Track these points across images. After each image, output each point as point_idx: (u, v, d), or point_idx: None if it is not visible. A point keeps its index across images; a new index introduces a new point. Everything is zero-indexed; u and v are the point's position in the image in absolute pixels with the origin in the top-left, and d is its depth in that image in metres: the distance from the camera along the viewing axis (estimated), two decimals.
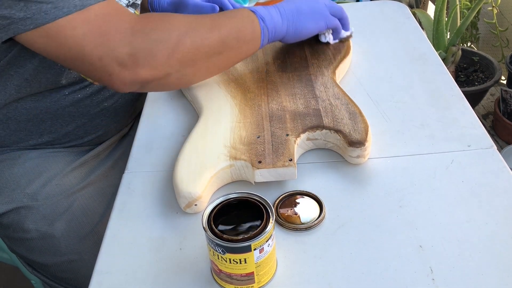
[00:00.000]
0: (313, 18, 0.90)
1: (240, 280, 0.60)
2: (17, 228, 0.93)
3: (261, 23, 0.83)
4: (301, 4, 0.89)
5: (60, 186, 0.93)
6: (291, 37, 0.89)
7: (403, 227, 0.67)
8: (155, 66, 0.74)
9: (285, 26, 0.87)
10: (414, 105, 0.88)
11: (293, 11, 0.88)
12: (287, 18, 0.87)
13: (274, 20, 0.85)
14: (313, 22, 0.90)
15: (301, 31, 0.90)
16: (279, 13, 0.86)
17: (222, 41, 0.79)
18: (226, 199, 0.61)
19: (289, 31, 0.88)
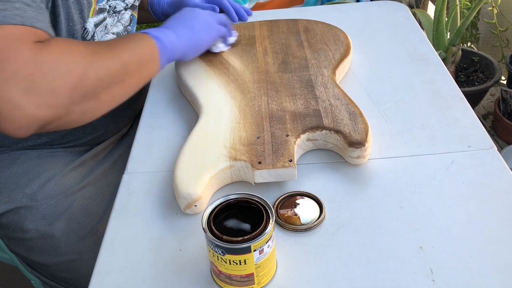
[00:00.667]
0: (206, 30, 0.92)
1: (240, 281, 0.60)
2: (17, 228, 0.93)
3: (158, 43, 0.82)
4: (190, 20, 0.90)
5: (59, 186, 0.93)
6: (190, 52, 0.91)
7: (403, 228, 0.67)
8: (56, 105, 0.65)
9: (182, 42, 0.87)
10: (414, 105, 0.87)
11: (186, 28, 0.88)
12: (182, 35, 0.87)
13: (169, 38, 0.84)
14: (206, 34, 0.93)
15: (199, 45, 0.92)
16: (172, 31, 0.86)
17: (124, 68, 0.75)
18: (226, 200, 0.61)
19: (188, 47, 0.89)
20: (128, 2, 1.00)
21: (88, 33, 0.88)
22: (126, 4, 0.99)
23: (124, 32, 1.00)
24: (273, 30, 1.07)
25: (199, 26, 0.91)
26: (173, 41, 0.85)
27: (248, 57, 0.98)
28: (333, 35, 1.02)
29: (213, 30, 0.94)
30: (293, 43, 1.01)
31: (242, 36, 1.06)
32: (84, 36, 0.87)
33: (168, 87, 1.00)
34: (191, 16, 0.91)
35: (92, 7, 0.88)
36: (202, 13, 0.93)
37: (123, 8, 0.98)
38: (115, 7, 0.96)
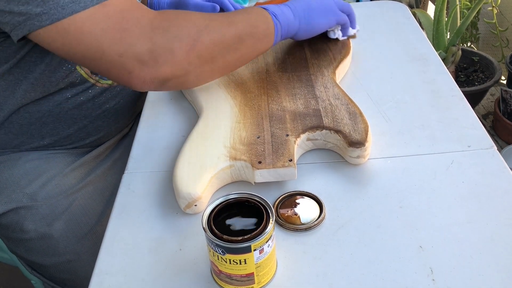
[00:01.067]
0: (324, 14, 0.91)
1: (240, 280, 0.60)
2: (16, 229, 0.93)
3: (274, 19, 0.83)
4: (311, 1, 0.90)
5: (59, 187, 0.93)
6: (303, 32, 0.90)
7: (403, 228, 0.67)
8: (175, 63, 0.73)
9: (297, 22, 0.87)
10: (414, 105, 0.87)
11: (304, 8, 0.88)
12: (298, 15, 0.88)
13: (286, 16, 0.86)
14: (324, 17, 0.92)
15: (313, 26, 0.91)
16: (290, 10, 0.87)
17: (239, 37, 0.79)
18: (226, 199, 0.61)
19: (302, 27, 0.89)
20: None
21: None
22: None
23: None
24: None
25: (318, 8, 0.91)
26: (289, 19, 0.86)
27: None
28: None
29: (332, 15, 0.93)
30: (293, 43, 1.01)
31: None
32: None
33: None
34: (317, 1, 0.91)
35: None
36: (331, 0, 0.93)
37: None
38: None
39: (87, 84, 0.92)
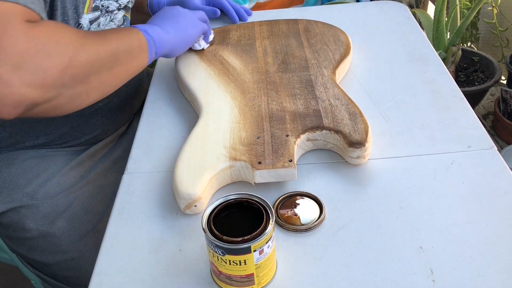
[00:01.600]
0: (191, 25, 0.94)
1: (240, 281, 0.60)
2: (18, 228, 0.93)
3: (146, 35, 0.83)
4: (175, 17, 0.92)
5: (59, 185, 0.93)
6: (178, 47, 0.91)
7: (404, 228, 0.67)
8: (46, 85, 0.64)
9: (169, 37, 0.88)
10: (414, 105, 0.87)
11: (171, 23, 0.90)
12: (168, 30, 0.88)
13: (157, 32, 0.85)
14: (192, 28, 0.94)
15: (186, 38, 0.93)
16: (159, 26, 0.87)
17: (114, 55, 0.75)
18: (225, 200, 0.61)
19: (176, 41, 0.90)
20: (122, 3, 1.00)
21: (82, 28, 0.87)
22: (119, 4, 0.99)
23: None
24: (273, 30, 1.07)
25: (184, 21, 0.92)
26: (160, 35, 0.86)
27: (248, 57, 0.98)
28: (333, 35, 1.02)
29: (198, 26, 0.95)
30: (293, 43, 1.01)
31: (242, 36, 1.06)
32: None
33: (168, 87, 1.00)
34: (174, 13, 0.92)
35: (87, 3, 0.87)
36: (183, 10, 0.95)
37: (116, 8, 0.98)
38: (108, 6, 0.95)
39: None
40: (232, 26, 1.11)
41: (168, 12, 0.93)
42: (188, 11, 0.95)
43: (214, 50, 1.01)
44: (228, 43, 1.04)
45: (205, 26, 0.98)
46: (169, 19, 0.91)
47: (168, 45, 0.88)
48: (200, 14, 0.98)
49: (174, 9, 0.94)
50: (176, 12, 0.93)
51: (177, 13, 0.93)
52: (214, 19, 1.19)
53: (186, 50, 0.96)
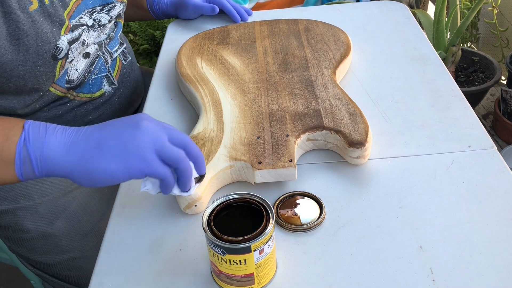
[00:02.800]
0: (119, 157, 0.60)
1: (240, 281, 0.60)
2: (17, 229, 0.93)
3: (20, 146, 0.60)
4: (110, 133, 0.61)
5: (55, 184, 0.93)
6: (80, 178, 0.62)
7: (404, 228, 0.67)
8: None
9: (69, 162, 0.60)
10: (414, 105, 0.87)
11: (90, 142, 0.61)
12: (76, 150, 0.61)
13: (49, 146, 0.60)
14: (119, 163, 0.60)
15: (96, 174, 0.61)
16: (65, 139, 0.61)
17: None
18: (226, 200, 0.61)
19: (77, 170, 0.61)
20: (113, 14, 0.99)
21: (61, 51, 0.86)
22: (111, 17, 0.98)
23: (106, 40, 0.99)
24: (273, 30, 1.07)
25: (113, 148, 0.60)
26: (54, 156, 0.61)
27: (248, 57, 0.98)
28: (333, 35, 1.03)
29: (137, 163, 0.60)
30: (293, 43, 1.01)
31: (242, 36, 1.06)
32: (56, 54, 0.85)
33: (168, 87, 1.00)
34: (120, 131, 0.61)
35: (65, 24, 0.86)
36: (144, 135, 0.61)
37: (107, 21, 0.97)
38: (99, 20, 0.95)
39: (65, 99, 0.93)
40: (232, 26, 1.12)
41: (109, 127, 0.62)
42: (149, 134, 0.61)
43: (214, 50, 1.01)
44: (228, 43, 1.04)
45: (160, 172, 0.61)
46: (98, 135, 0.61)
47: (64, 172, 0.62)
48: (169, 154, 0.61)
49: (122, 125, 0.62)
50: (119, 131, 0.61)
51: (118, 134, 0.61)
52: (215, 19, 1.20)
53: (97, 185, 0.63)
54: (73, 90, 0.93)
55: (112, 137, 0.61)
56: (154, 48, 2.26)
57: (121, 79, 1.04)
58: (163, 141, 0.61)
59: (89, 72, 0.96)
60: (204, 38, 1.07)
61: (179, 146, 0.63)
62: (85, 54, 0.93)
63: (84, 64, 0.94)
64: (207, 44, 1.04)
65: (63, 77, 0.90)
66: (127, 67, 1.06)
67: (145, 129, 0.61)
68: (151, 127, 0.61)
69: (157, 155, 0.61)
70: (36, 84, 0.85)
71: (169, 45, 1.13)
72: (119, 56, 1.03)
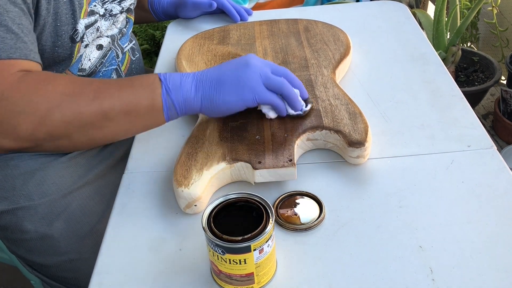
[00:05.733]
0: (235, 90, 0.74)
1: (240, 280, 0.60)
2: (16, 229, 0.92)
3: (164, 96, 0.73)
4: (226, 72, 0.75)
5: (55, 185, 0.93)
6: (207, 110, 0.76)
7: (403, 228, 0.67)
8: (18, 138, 0.71)
9: (198, 98, 0.74)
10: (414, 105, 0.87)
11: (212, 81, 0.74)
12: (202, 89, 0.74)
13: (184, 91, 0.73)
14: (235, 95, 0.74)
15: (218, 105, 0.74)
16: (194, 83, 0.74)
17: (103, 114, 0.72)
18: (225, 199, 0.61)
19: (204, 104, 0.74)
20: (124, 6, 1.00)
21: (78, 34, 0.87)
22: (122, 8, 0.99)
23: (119, 35, 1.00)
24: (273, 30, 1.07)
25: (230, 82, 0.74)
26: (187, 96, 0.74)
27: None
28: (333, 35, 1.03)
29: (249, 93, 0.74)
30: (293, 43, 1.01)
31: (242, 36, 1.06)
32: (74, 37, 0.87)
33: None
34: (231, 69, 0.75)
35: (83, 8, 0.87)
36: (249, 69, 0.75)
37: (119, 12, 0.98)
38: (111, 10, 0.96)
39: None
40: (232, 26, 1.12)
41: (223, 68, 0.76)
42: (259, 75, 0.75)
43: (214, 50, 1.01)
44: (228, 43, 1.04)
45: (268, 97, 0.75)
46: (217, 73, 0.75)
47: (196, 108, 0.75)
48: (272, 81, 0.75)
49: (234, 65, 0.76)
50: (232, 68, 0.75)
51: (235, 71, 0.75)
52: (215, 19, 1.20)
53: (223, 115, 0.79)
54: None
55: (228, 75, 0.74)
56: (154, 48, 2.26)
57: (129, 73, 1.06)
58: (267, 73, 0.75)
59: (101, 64, 0.98)
60: (204, 38, 1.07)
61: (281, 76, 0.77)
62: (99, 45, 0.95)
63: (97, 55, 0.96)
64: (207, 44, 1.04)
65: (77, 63, 0.92)
66: (135, 62, 1.08)
67: (252, 66, 0.75)
68: (257, 64, 0.75)
69: (264, 85, 0.75)
70: (53, 65, 0.87)
71: (169, 45, 1.13)
72: (128, 52, 1.06)
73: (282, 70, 0.78)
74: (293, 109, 0.78)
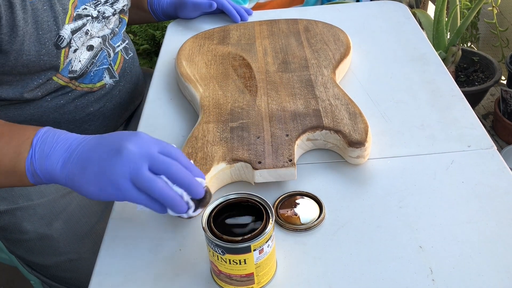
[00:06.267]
0: (98, 181, 0.61)
1: (240, 280, 0.60)
2: (15, 230, 0.93)
3: (28, 164, 0.65)
4: (92, 157, 0.62)
5: (55, 186, 0.93)
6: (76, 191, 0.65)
7: (403, 228, 0.67)
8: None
9: (64, 176, 0.64)
10: (414, 105, 0.87)
11: (78, 163, 0.63)
12: (68, 168, 0.63)
13: (50, 164, 0.64)
14: (96, 187, 0.62)
15: (82, 192, 0.64)
16: (63, 157, 0.64)
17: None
18: (225, 199, 0.61)
19: (69, 185, 0.65)
20: (117, 8, 1.00)
21: (63, 40, 0.87)
22: (115, 10, 0.99)
23: (110, 35, 1.00)
24: (273, 30, 1.07)
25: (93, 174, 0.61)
26: (50, 170, 0.65)
27: (248, 56, 0.98)
28: (333, 35, 1.03)
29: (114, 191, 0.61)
30: (293, 43, 1.01)
31: (242, 35, 1.06)
32: (58, 43, 0.87)
33: (168, 87, 1.00)
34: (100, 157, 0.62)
35: (68, 13, 0.87)
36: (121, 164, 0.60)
37: (111, 14, 0.98)
38: (104, 12, 0.95)
39: (67, 89, 0.94)
40: (232, 26, 1.12)
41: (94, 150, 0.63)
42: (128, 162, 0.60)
43: (214, 50, 1.01)
44: (228, 43, 1.04)
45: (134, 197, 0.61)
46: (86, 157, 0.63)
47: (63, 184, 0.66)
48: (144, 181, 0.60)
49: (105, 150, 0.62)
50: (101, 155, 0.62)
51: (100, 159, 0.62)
52: (215, 19, 1.20)
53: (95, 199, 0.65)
54: (75, 80, 0.95)
55: (94, 162, 0.62)
56: (154, 48, 2.26)
57: (122, 73, 1.05)
58: (140, 169, 0.60)
59: (92, 64, 0.97)
60: (204, 38, 1.07)
61: (163, 172, 0.61)
62: (89, 46, 0.95)
63: (88, 56, 0.96)
64: (207, 44, 1.04)
65: (66, 67, 0.92)
66: (128, 62, 1.08)
67: (125, 156, 0.60)
68: (131, 154, 0.60)
69: (132, 183, 0.60)
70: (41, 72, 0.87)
71: (169, 45, 1.13)
72: (121, 51, 1.05)
73: (166, 163, 0.61)
74: (174, 211, 0.62)
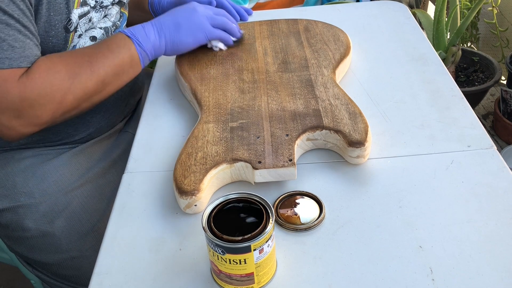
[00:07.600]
0: (191, 32, 0.93)
1: (240, 280, 0.60)
2: (17, 227, 0.93)
3: (138, 49, 0.88)
4: (179, 18, 0.93)
5: (57, 183, 0.93)
6: (170, 52, 0.94)
7: (403, 228, 0.67)
8: (40, 125, 0.82)
9: (163, 43, 0.91)
10: (414, 105, 0.87)
11: (170, 27, 0.92)
12: (164, 35, 0.91)
13: (151, 40, 0.89)
14: (191, 36, 0.93)
15: (179, 46, 0.93)
16: (156, 31, 0.90)
17: (102, 82, 0.85)
18: (226, 199, 0.61)
19: (167, 47, 0.92)
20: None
21: (71, 24, 0.88)
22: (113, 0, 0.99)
23: (112, 28, 1.01)
24: (273, 30, 1.07)
25: (186, 26, 0.92)
26: (154, 43, 0.90)
27: (248, 57, 0.98)
28: (333, 35, 1.03)
29: (201, 33, 0.94)
30: (293, 43, 1.01)
31: (242, 36, 1.06)
32: (68, 26, 0.88)
33: (168, 87, 1.00)
34: (183, 15, 0.93)
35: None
36: (197, 14, 0.94)
37: (110, 3, 0.98)
38: (101, 1, 0.96)
39: None
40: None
41: (178, 12, 0.93)
42: (203, 15, 0.95)
43: (214, 50, 1.01)
44: None
45: (217, 34, 0.96)
46: (173, 21, 0.92)
47: (161, 51, 0.92)
48: (218, 20, 0.97)
49: (186, 11, 0.94)
50: (185, 14, 0.93)
51: (185, 16, 0.93)
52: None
53: (180, 53, 0.96)
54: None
55: (183, 21, 0.93)
56: None
57: None
58: (212, 15, 0.96)
59: None
60: None
61: (222, 15, 0.99)
62: (92, 37, 0.95)
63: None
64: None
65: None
66: None
67: (199, 11, 0.95)
68: (202, 9, 0.96)
69: (211, 25, 0.95)
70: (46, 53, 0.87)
71: None
72: None
73: (221, 11, 1.00)
74: (234, 36, 1.00)
